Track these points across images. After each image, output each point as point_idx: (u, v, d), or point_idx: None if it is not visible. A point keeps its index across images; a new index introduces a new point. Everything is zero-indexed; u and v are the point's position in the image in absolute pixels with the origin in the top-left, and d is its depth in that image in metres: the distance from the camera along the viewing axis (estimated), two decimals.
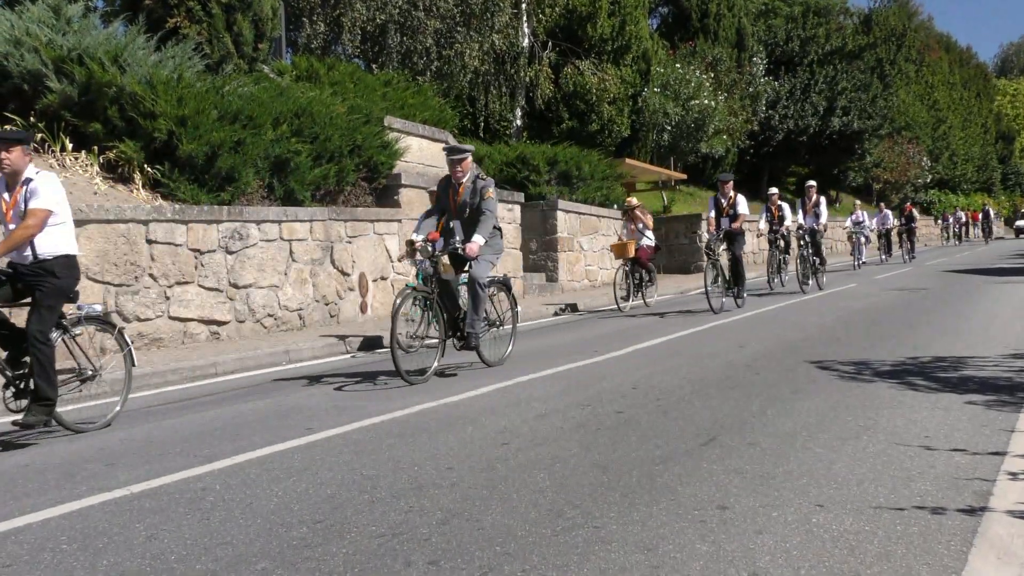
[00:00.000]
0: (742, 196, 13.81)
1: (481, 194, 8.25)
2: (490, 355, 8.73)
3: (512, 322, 9.22)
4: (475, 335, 8.22)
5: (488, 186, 8.33)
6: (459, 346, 8.33)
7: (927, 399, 6.15)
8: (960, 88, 68.28)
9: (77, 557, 3.62)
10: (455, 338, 8.34)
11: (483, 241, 8.05)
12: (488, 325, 8.69)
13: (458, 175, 8.31)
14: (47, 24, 11.97)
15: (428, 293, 7.96)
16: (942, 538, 3.49)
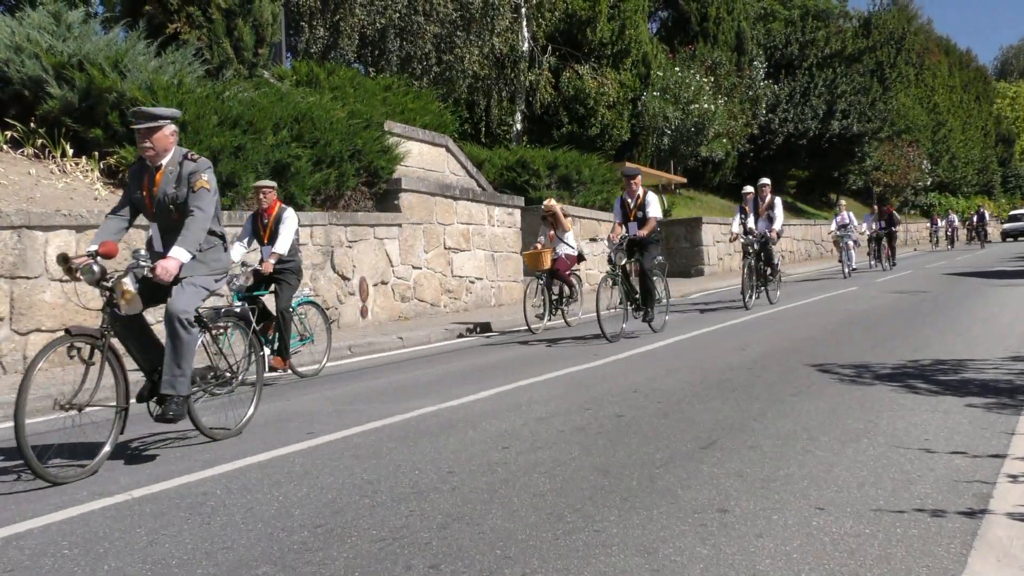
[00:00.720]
0: (654, 195, 11.56)
1: (190, 183, 5.50)
2: (218, 422, 6.06)
3: (257, 374, 6.51)
4: (176, 400, 5.37)
5: (200, 171, 5.54)
6: (156, 414, 5.48)
7: (927, 402, 6.15)
8: (960, 91, 68.30)
9: (78, 562, 3.63)
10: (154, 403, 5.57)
11: (187, 256, 5.40)
12: (213, 382, 6.05)
13: (148, 153, 5.52)
14: (48, 30, 12.00)
15: (96, 338, 5.26)
16: (942, 541, 3.49)
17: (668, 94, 30.12)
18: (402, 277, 14.17)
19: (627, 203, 11.36)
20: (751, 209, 15.23)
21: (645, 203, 11.21)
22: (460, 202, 15.84)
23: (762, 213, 15.45)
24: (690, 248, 26.26)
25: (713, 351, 9.33)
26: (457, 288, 15.57)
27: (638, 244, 11.12)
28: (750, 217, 15.11)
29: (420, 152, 16.55)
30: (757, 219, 15.20)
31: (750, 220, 15.03)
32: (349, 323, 12.89)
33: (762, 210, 15.49)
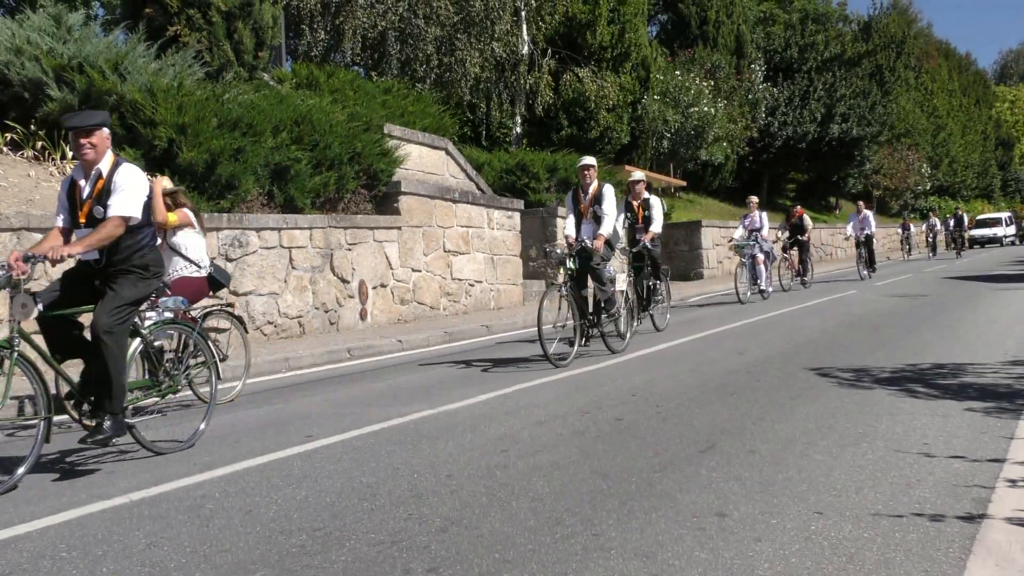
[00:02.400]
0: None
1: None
2: None
3: None
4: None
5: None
6: None
7: (926, 406, 6.15)
8: (959, 95, 68.39)
9: (76, 565, 3.62)
10: None
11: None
12: None
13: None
14: (48, 33, 12.00)
15: None
16: (941, 545, 3.49)
17: (668, 97, 30.15)
18: (401, 280, 14.17)
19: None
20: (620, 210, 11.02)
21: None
22: (460, 205, 15.84)
23: (638, 212, 11.63)
24: (689, 252, 26.26)
25: (712, 355, 9.33)
26: (456, 291, 15.57)
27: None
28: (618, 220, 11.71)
29: (420, 155, 16.55)
30: (630, 225, 11.72)
31: (619, 221, 10.90)
32: (348, 326, 12.89)
33: (638, 211, 11.64)
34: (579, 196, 9.83)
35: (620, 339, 9.95)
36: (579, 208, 9.83)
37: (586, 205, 9.74)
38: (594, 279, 9.45)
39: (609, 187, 9.72)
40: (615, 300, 9.59)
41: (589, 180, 9.72)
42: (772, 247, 18.01)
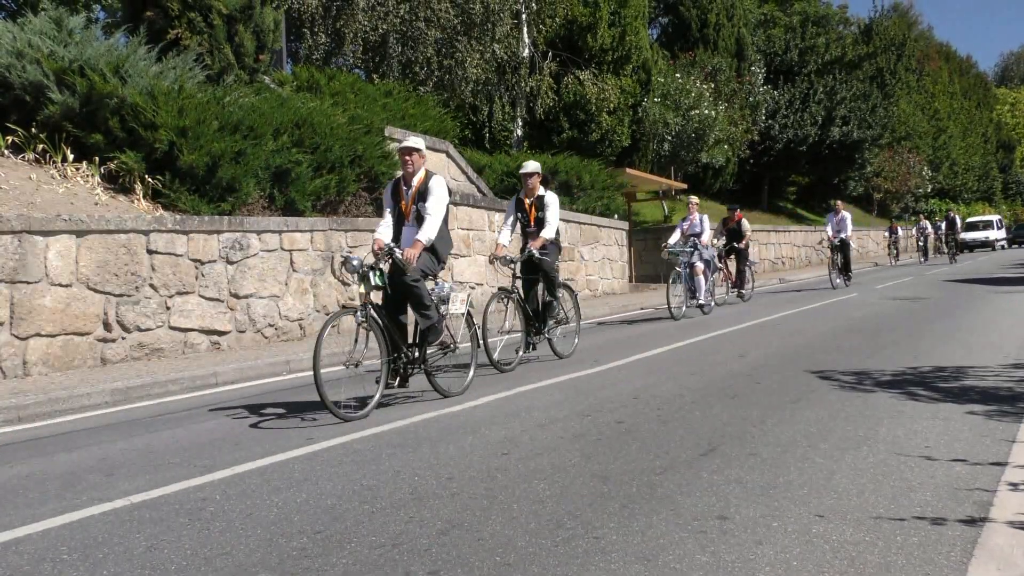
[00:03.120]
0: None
1: None
2: None
3: None
4: None
5: None
6: None
7: (927, 409, 6.14)
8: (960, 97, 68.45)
9: (77, 568, 3.62)
10: None
11: None
12: None
13: None
14: (49, 36, 12.02)
15: None
16: (942, 548, 3.48)
17: (668, 100, 30.15)
18: None
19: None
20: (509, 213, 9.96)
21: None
22: (461, 208, 15.84)
23: (531, 215, 9.93)
24: None
25: (713, 358, 9.32)
26: None
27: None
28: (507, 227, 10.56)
29: None
30: (523, 236, 10.03)
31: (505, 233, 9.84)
32: (349, 328, 12.86)
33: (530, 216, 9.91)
34: (400, 190, 7.51)
35: (462, 374, 7.88)
36: (399, 206, 7.51)
37: (408, 202, 7.42)
38: (410, 301, 7.28)
39: (438, 178, 7.54)
40: (439, 330, 7.37)
41: (412, 168, 7.40)
42: (714, 255, 15.91)
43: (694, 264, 14.66)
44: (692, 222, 15.35)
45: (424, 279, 7.26)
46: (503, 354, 9.07)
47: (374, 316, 6.95)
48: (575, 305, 10.36)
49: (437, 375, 7.60)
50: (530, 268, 9.52)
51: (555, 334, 9.79)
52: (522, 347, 9.20)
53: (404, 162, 7.43)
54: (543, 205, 9.56)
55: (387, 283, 7.10)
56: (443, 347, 7.61)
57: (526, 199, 9.67)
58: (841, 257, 20.22)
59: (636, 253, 25.99)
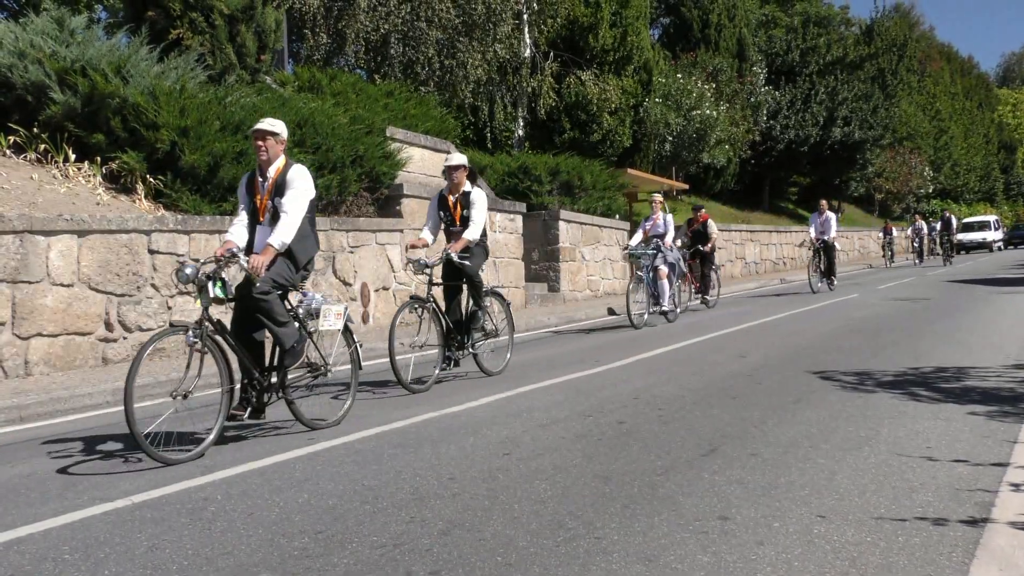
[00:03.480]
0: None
1: None
2: None
3: None
4: None
5: None
6: None
7: (929, 409, 6.14)
8: (962, 98, 68.44)
9: (79, 567, 3.62)
10: None
11: None
12: None
13: None
14: (51, 36, 12.02)
15: None
16: (944, 549, 3.48)
17: (670, 100, 30.15)
18: (404, 283, 14.17)
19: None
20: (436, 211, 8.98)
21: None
22: None
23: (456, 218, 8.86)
24: None
25: (713, 358, 9.32)
26: None
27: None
28: None
29: (422, 158, 16.56)
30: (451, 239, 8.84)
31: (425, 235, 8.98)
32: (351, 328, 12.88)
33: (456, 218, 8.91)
34: (255, 183, 6.28)
35: (341, 401, 6.92)
36: (254, 201, 6.24)
37: (264, 196, 6.19)
38: (260, 317, 6.02)
39: (299, 168, 6.25)
40: (299, 351, 6.22)
41: (267, 155, 6.17)
42: (679, 258, 14.74)
43: (658, 268, 13.59)
44: (656, 222, 14.15)
45: (280, 290, 6.06)
46: (418, 372, 8.09)
47: (214, 335, 5.82)
48: (508, 316, 9.31)
49: (306, 401, 6.53)
50: (452, 274, 8.52)
51: (482, 349, 8.79)
52: (439, 364, 8.27)
53: (257, 148, 6.21)
54: (469, 203, 8.49)
55: (235, 295, 6.00)
56: (313, 370, 6.44)
57: (450, 196, 8.56)
58: (825, 260, 19.31)
59: None
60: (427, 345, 8.23)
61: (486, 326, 8.82)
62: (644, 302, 13.38)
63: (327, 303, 6.46)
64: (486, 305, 8.75)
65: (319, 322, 6.36)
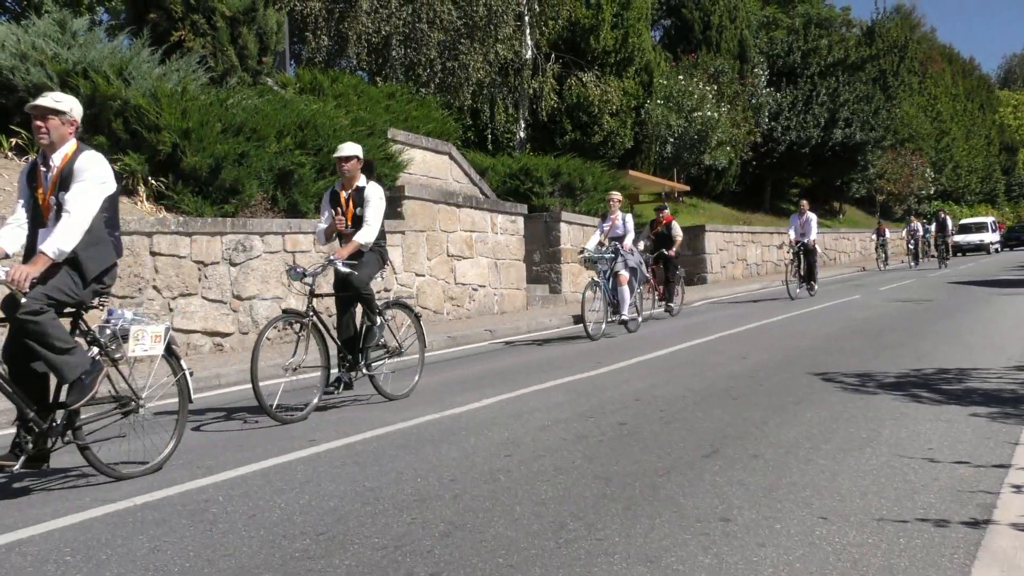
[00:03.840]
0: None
1: None
2: None
3: None
4: None
5: None
6: None
7: (930, 411, 6.13)
8: (963, 99, 68.41)
9: (80, 569, 3.63)
10: None
11: None
12: None
13: None
14: (53, 38, 12.05)
15: None
16: (946, 551, 3.48)
17: (671, 102, 30.18)
18: (405, 284, 14.18)
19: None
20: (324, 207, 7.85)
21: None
22: (463, 209, 15.85)
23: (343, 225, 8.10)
24: (692, 256, 26.24)
25: (714, 359, 9.32)
26: (460, 295, 15.58)
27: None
28: None
29: (423, 159, 16.57)
30: None
31: None
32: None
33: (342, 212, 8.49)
34: (38, 174, 5.02)
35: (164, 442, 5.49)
36: (36, 196, 5.02)
37: (47, 191, 4.96)
38: (31, 342, 4.70)
39: (91, 154, 5.06)
40: (88, 387, 4.88)
41: (50, 139, 4.98)
42: (641, 262, 13.52)
43: (618, 273, 12.44)
44: (614, 223, 12.91)
45: (56, 308, 4.76)
46: (292, 399, 6.94)
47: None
48: (418, 331, 8.05)
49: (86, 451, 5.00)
50: (342, 283, 7.41)
51: (381, 369, 7.61)
52: (320, 388, 7.13)
53: (36, 130, 4.99)
54: (363, 200, 7.34)
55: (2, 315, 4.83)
56: (123, 406, 5.24)
57: (343, 191, 7.46)
58: (805, 264, 18.04)
59: None
60: (304, 367, 7.05)
61: (388, 343, 7.69)
62: (602, 310, 12.32)
63: (142, 322, 5.25)
64: (389, 318, 7.76)
65: (129, 346, 5.13)
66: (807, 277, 18.07)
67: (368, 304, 7.39)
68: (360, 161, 7.50)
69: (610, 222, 13.00)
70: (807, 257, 17.95)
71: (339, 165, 7.46)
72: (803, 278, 18.03)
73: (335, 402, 7.55)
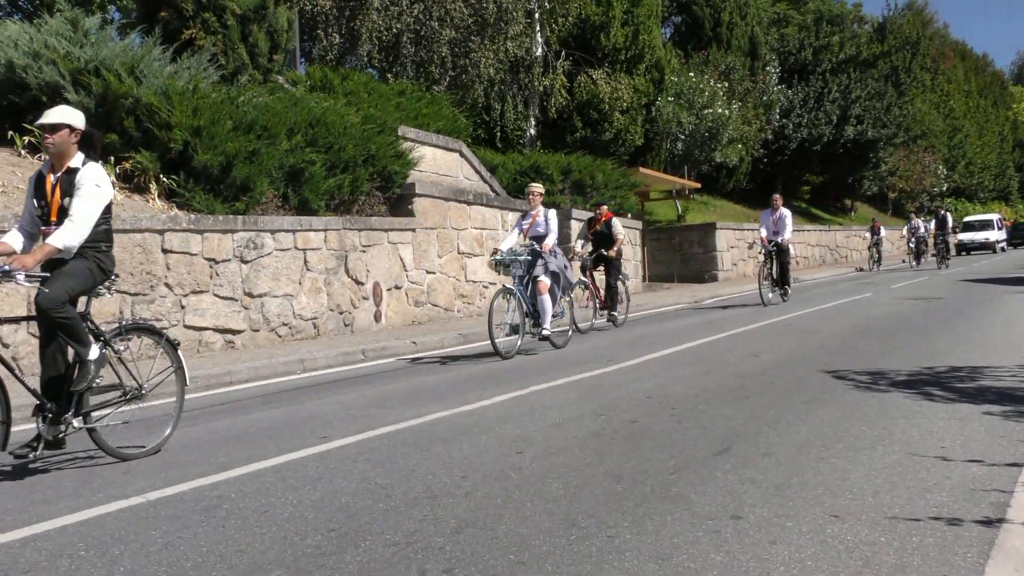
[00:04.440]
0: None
1: None
2: None
3: None
4: None
5: None
6: None
7: (943, 409, 6.11)
8: (976, 96, 68.08)
9: (94, 564, 3.64)
10: None
11: None
12: None
13: None
14: (65, 37, 12.10)
15: None
16: (959, 549, 3.46)
17: (682, 99, 30.11)
18: (416, 282, 14.20)
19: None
20: None
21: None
22: (474, 207, 15.86)
23: None
24: (703, 254, 26.23)
25: (726, 357, 9.30)
26: (471, 293, 15.58)
27: None
28: None
29: (434, 157, 16.58)
30: None
31: None
32: (362, 327, 12.92)
33: None
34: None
35: None
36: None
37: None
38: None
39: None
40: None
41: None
42: (566, 266, 11.36)
43: (537, 279, 10.66)
44: (535, 220, 11.07)
45: None
46: None
47: None
48: (177, 366, 6.07)
49: None
50: None
51: (106, 420, 5.54)
52: None
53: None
54: (74, 185, 5.36)
55: None
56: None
57: (50, 175, 5.45)
58: (777, 266, 16.28)
59: (649, 252, 25.97)
60: None
61: (124, 382, 5.70)
62: (519, 321, 10.53)
63: None
64: (122, 349, 5.68)
65: None
66: (780, 281, 16.36)
67: (67, 331, 5.21)
68: (75, 132, 5.53)
69: (530, 219, 11.14)
70: (779, 258, 16.26)
71: (43, 138, 5.55)
72: (775, 281, 16.34)
73: None
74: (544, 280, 10.65)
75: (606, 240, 13.73)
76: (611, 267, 13.67)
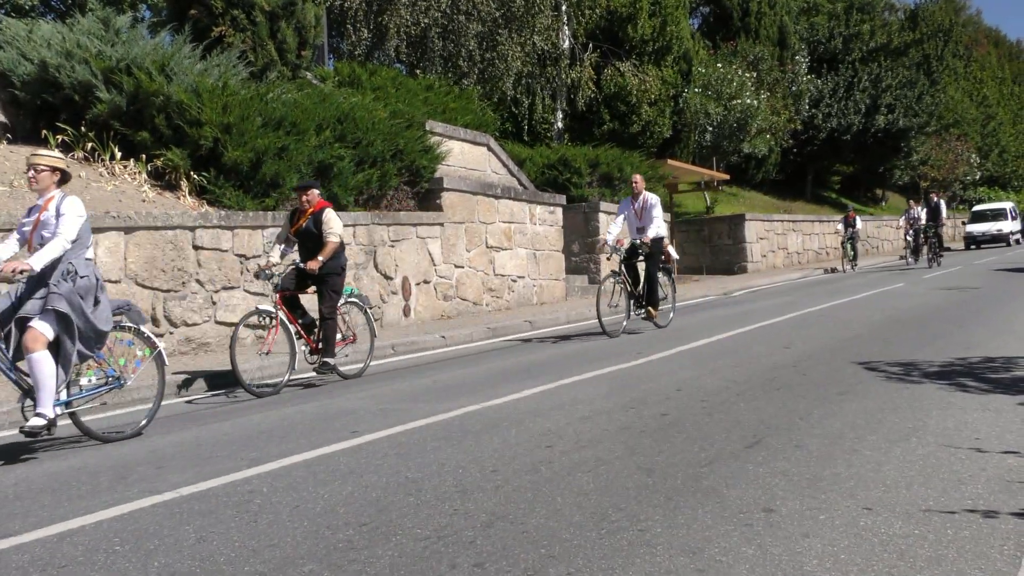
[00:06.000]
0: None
1: None
2: None
3: None
4: None
5: None
6: None
7: (977, 400, 6.03)
8: (1010, 83, 67.06)
9: (129, 558, 3.69)
10: None
11: None
12: None
13: None
14: (97, 36, 12.23)
15: None
16: (995, 542, 3.42)
17: (710, 90, 29.91)
18: (444, 276, 14.22)
19: None
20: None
21: None
22: (502, 201, 15.86)
23: None
24: (733, 245, 26.07)
25: (757, 349, 9.24)
26: (499, 287, 15.59)
27: None
28: None
29: (461, 151, 16.59)
30: None
31: None
32: (392, 322, 12.97)
33: None
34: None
35: None
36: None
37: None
38: None
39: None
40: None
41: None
42: None
43: None
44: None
45: None
46: None
47: None
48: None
49: None
50: None
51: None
52: None
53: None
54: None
55: None
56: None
57: None
58: (644, 277, 11.61)
59: (678, 244, 25.85)
60: None
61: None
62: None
63: None
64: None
65: None
66: (645, 299, 11.48)
67: None
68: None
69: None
70: (647, 264, 11.47)
71: None
72: (638, 300, 11.54)
73: None
74: None
75: None
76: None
